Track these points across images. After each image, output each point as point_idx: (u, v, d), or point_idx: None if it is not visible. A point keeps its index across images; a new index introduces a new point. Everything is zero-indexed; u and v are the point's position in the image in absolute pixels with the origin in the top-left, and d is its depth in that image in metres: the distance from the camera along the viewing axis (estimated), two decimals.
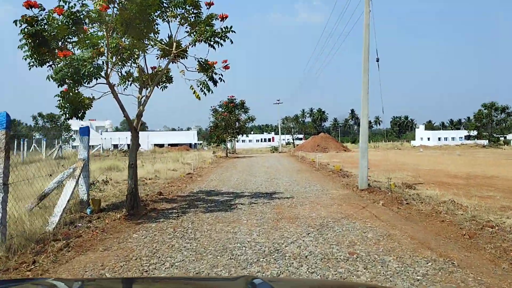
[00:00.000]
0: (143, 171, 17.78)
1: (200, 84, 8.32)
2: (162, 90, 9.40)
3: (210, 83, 8.40)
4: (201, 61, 8.34)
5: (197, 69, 8.50)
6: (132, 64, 8.45)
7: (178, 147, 55.42)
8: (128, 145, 61.16)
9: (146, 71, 8.61)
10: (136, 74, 8.78)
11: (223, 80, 8.65)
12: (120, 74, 8.52)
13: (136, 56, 8.09)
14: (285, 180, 14.73)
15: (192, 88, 8.22)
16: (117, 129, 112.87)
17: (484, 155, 35.13)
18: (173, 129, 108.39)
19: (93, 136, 64.07)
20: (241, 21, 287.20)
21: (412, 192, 10.28)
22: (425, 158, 31.61)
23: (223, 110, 34.98)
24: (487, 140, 75.47)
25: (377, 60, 10.01)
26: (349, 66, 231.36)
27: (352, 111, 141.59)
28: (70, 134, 60.08)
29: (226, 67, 8.49)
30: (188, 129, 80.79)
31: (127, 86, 8.82)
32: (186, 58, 8.65)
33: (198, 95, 8.21)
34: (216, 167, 22.86)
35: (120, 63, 7.94)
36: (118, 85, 8.25)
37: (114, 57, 7.29)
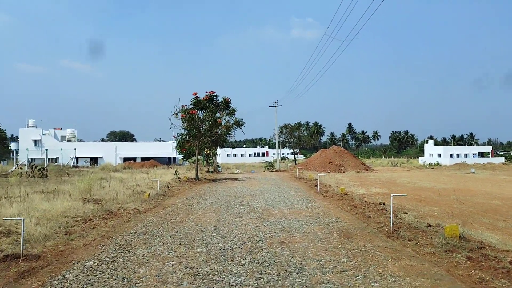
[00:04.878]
0: None
1: None
2: None
3: None
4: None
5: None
6: None
7: (144, 163, 43.08)
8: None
9: None
10: None
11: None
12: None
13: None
14: None
15: None
16: (103, 140, 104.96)
17: None
18: (163, 141, 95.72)
19: (53, 146, 51.39)
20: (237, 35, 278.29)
21: None
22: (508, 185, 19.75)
23: (193, 107, 22.85)
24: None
25: None
26: (345, 78, 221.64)
27: (350, 125, 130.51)
28: (9, 146, 47.22)
29: None
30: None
31: None
32: None
33: None
34: (147, 213, 10.49)
35: None
36: None
37: None
